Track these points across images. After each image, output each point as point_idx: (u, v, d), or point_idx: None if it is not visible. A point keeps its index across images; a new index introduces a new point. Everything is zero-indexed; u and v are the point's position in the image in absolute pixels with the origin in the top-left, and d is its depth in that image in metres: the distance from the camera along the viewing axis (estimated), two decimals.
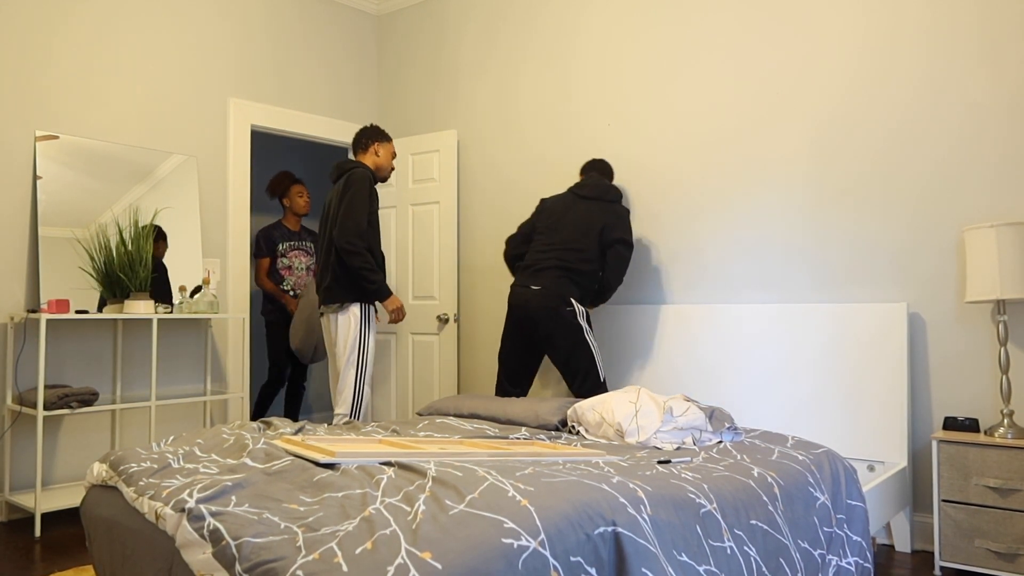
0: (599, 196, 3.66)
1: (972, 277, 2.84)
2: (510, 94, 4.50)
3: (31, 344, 3.57)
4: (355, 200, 3.50)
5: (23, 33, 3.61)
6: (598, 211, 3.62)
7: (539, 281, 3.54)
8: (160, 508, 1.82)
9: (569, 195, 3.72)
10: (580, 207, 3.65)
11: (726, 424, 2.71)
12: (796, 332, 3.35)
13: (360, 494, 1.78)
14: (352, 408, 3.58)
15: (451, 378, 4.55)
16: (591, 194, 3.67)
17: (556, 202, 3.73)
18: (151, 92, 4.05)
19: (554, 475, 1.93)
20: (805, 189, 3.45)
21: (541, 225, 3.71)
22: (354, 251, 3.47)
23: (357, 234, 3.47)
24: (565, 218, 3.65)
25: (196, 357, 4.20)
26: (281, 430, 2.62)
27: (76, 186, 3.72)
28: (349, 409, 3.58)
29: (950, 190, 3.09)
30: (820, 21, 3.42)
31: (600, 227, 3.58)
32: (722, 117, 3.69)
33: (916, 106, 3.17)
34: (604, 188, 3.68)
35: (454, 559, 1.45)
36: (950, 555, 2.76)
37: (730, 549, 1.96)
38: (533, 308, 3.51)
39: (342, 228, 3.47)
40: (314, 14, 4.84)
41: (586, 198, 3.67)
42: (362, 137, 3.80)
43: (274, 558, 1.48)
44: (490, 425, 2.96)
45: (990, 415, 2.99)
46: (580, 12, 4.21)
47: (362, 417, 3.63)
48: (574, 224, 3.61)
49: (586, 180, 3.73)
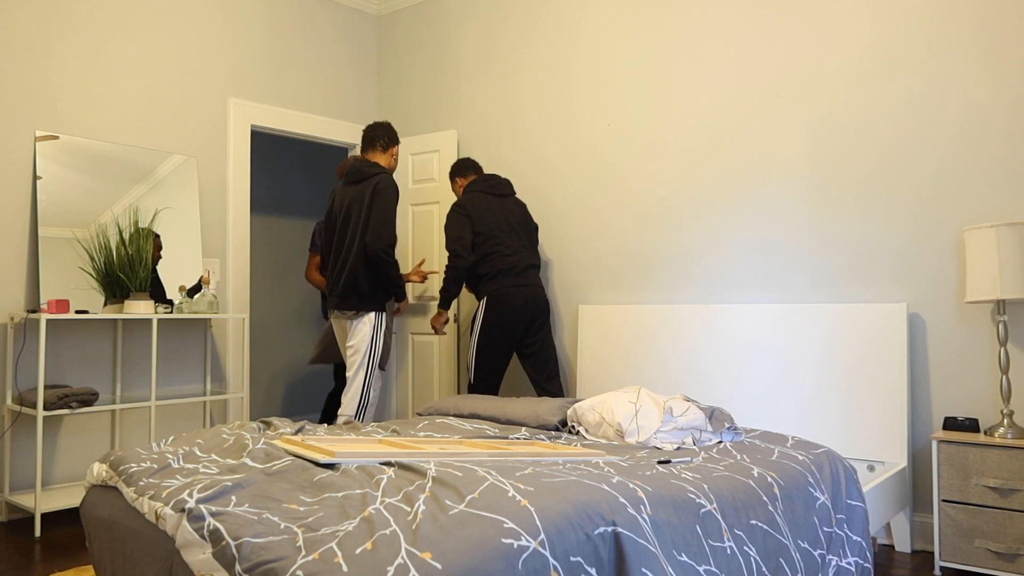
0: (511, 192, 4.01)
1: (972, 277, 2.84)
2: (510, 94, 4.50)
3: (31, 344, 3.57)
4: (389, 208, 3.54)
5: (23, 33, 3.61)
6: (518, 206, 3.98)
7: (528, 280, 3.79)
8: (160, 508, 1.82)
9: (488, 197, 3.88)
10: (509, 205, 3.92)
11: (726, 424, 2.71)
12: (796, 332, 3.35)
13: (360, 494, 1.78)
14: (357, 410, 3.62)
15: (451, 378, 4.55)
16: (506, 191, 3.97)
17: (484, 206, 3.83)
18: (151, 92, 4.05)
19: (554, 475, 1.93)
20: (805, 190, 3.45)
21: (486, 229, 3.79)
22: (390, 261, 3.54)
23: (392, 244, 3.53)
24: (505, 218, 3.85)
25: (196, 357, 4.20)
26: (281, 430, 2.62)
27: (76, 186, 3.72)
28: (354, 411, 3.62)
29: (950, 190, 3.09)
30: (822, 20, 3.42)
31: (528, 220, 4.01)
32: (722, 116, 3.69)
33: (917, 106, 3.17)
34: (508, 183, 4.02)
35: (454, 559, 1.45)
36: (950, 555, 2.76)
37: (730, 549, 1.96)
38: (535, 304, 3.76)
39: (378, 237, 3.50)
40: (314, 14, 4.84)
41: (503, 195, 3.94)
42: (382, 136, 3.76)
43: (274, 558, 1.48)
44: (490, 425, 2.95)
45: (990, 415, 2.99)
46: (580, 12, 4.21)
47: (367, 419, 3.66)
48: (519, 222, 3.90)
49: (491, 178, 3.95)
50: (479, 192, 3.86)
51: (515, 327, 3.70)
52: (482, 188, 3.87)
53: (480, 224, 3.76)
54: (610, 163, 4.07)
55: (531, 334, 3.78)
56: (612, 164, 4.06)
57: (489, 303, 3.70)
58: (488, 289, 3.72)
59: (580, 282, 4.17)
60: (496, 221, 3.78)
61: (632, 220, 3.98)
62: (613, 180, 4.06)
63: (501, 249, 3.74)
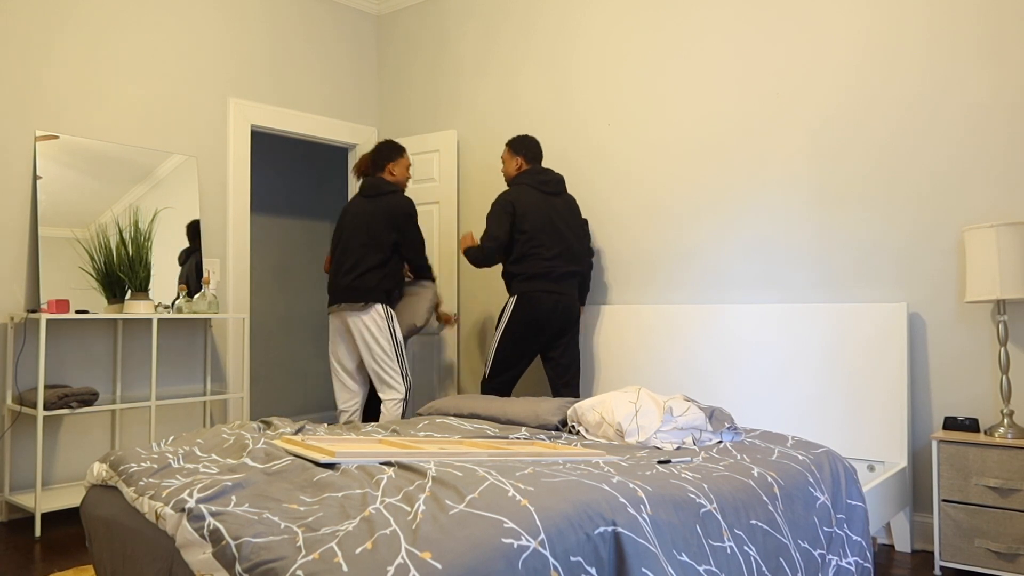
0: (562, 190, 3.80)
1: (972, 277, 2.84)
2: (510, 94, 4.50)
3: (31, 344, 3.57)
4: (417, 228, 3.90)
5: (24, 33, 3.61)
6: (567, 205, 3.77)
7: (563, 288, 3.65)
8: (160, 508, 1.82)
9: (537, 193, 3.67)
10: (558, 205, 3.71)
11: (726, 424, 2.71)
12: (796, 332, 3.35)
13: (360, 494, 1.78)
14: (407, 391, 3.85)
15: (451, 378, 4.55)
16: (557, 189, 3.75)
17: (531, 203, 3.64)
18: (151, 92, 4.05)
19: (554, 475, 1.93)
20: (806, 190, 3.45)
21: (529, 228, 3.62)
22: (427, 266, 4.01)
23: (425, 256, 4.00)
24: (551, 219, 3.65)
25: (196, 357, 4.20)
26: (281, 430, 2.62)
27: (76, 186, 3.72)
28: (404, 392, 3.83)
29: (950, 190, 3.09)
30: (822, 20, 3.42)
31: (577, 218, 3.79)
32: (723, 116, 3.69)
33: (917, 107, 3.17)
34: (561, 179, 3.80)
35: (454, 559, 1.45)
36: (950, 555, 2.76)
37: (730, 549, 1.96)
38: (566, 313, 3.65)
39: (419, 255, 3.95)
40: (314, 14, 4.84)
41: (554, 193, 3.73)
42: (378, 159, 3.95)
43: (274, 558, 1.48)
44: (490, 425, 2.95)
45: (990, 415, 2.99)
46: (580, 12, 4.21)
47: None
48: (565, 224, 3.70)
49: (544, 173, 3.74)
50: (529, 187, 3.68)
51: (539, 331, 3.62)
52: (533, 183, 3.69)
53: (523, 222, 3.61)
54: (611, 163, 4.06)
55: (556, 340, 3.70)
56: (613, 164, 4.06)
57: (519, 303, 3.62)
58: (520, 289, 3.63)
59: None
60: (541, 221, 3.63)
61: (633, 220, 3.98)
62: (614, 180, 4.05)
63: (541, 252, 3.61)
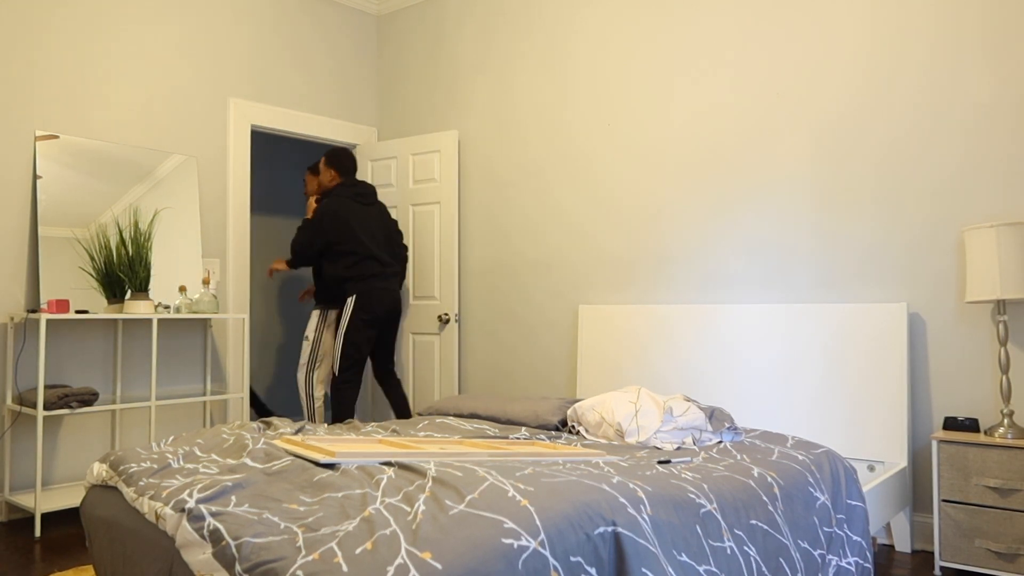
0: (375, 200, 4.31)
1: (972, 277, 2.84)
2: (510, 94, 4.50)
3: (31, 344, 3.57)
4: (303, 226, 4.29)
5: (23, 33, 3.61)
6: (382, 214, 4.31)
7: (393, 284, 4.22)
8: (160, 508, 1.82)
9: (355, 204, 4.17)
10: (373, 213, 4.24)
11: (726, 424, 2.71)
12: (796, 332, 3.35)
13: (360, 494, 1.78)
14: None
15: (451, 378, 4.55)
16: (371, 200, 4.27)
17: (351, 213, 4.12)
18: (151, 92, 4.05)
19: (554, 475, 1.93)
20: (807, 191, 3.45)
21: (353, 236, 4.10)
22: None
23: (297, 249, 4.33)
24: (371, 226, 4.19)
25: (196, 357, 4.20)
26: (281, 430, 2.62)
27: (76, 186, 3.72)
28: None
29: (950, 191, 3.09)
30: (824, 22, 3.42)
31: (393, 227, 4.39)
32: (724, 116, 3.69)
33: (917, 107, 3.17)
34: (375, 190, 4.34)
35: (454, 559, 1.45)
36: (950, 555, 2.76)
37: (730, 549, 1.96)
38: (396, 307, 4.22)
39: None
40: (314, 14, 4.84)
41: (369, 204, 4.24)
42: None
43: (274, 558, 1.48)
44: (490, 425, 2.96)
45: (990, 415, 2.99)
46: (579, 12, 4.21)
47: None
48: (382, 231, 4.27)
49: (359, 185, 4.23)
50: (346, 199, 4.15)
51: (376, 324, 4.14)
52: (349, 195, 4.17)
53: (345, 231, 4.09)
54: (612, 163, 4.06)
55: (389, 330, 4.28)
56: (614, 164, 4.06)
57: (358, 302, 4.10)
58: (357, 289, 4.10)
59: (580, 281, 4.17)
60: (364, 227, 4.15)
61: (633, 219, 3.98)
62: (615, 180, 4.05)
63: (370, 253, 4.12)
